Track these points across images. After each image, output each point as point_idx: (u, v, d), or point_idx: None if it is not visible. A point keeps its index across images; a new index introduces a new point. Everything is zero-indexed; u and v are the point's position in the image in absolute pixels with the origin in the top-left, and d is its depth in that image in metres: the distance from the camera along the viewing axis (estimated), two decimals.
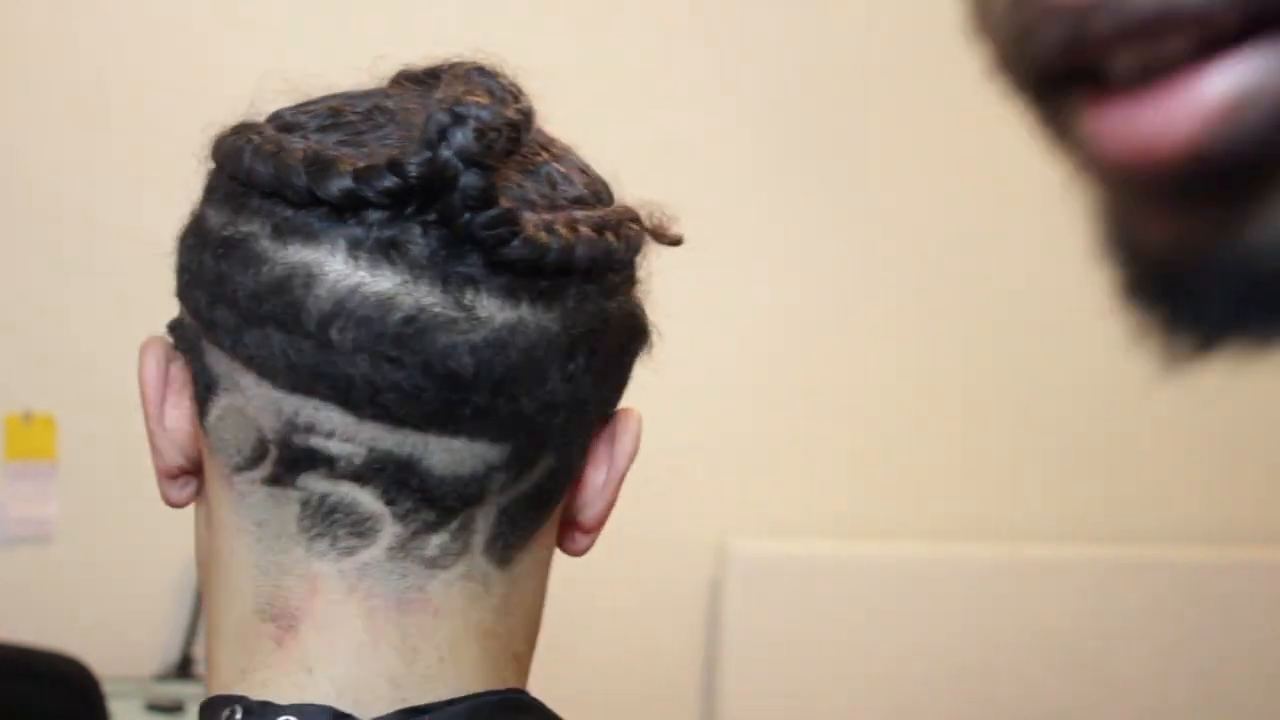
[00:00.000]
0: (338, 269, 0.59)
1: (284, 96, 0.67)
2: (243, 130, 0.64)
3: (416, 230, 0.59)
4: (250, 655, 0.64)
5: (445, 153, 0.58)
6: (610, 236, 0.63)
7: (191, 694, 2.29)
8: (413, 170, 0.58)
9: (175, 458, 0.67)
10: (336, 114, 0.64)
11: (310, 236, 0.60)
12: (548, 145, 0.66)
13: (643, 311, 0.68)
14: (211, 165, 0.65)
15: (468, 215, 0.58)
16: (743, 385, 2.61)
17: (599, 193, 0.66)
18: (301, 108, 0.66)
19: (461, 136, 0.58)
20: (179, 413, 0.66)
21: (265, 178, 0.61)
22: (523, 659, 0.68)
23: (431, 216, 0.59)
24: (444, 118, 0.58)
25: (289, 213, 0.60)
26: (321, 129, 0.64)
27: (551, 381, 0.62)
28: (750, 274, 2.60)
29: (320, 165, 0.60)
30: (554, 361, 0.62)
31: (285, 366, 0.60)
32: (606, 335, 0.64)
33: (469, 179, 0.58)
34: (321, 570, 0.63)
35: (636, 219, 0.66)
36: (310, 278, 0.60)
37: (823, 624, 2.58)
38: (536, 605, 0.69)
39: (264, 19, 2.39)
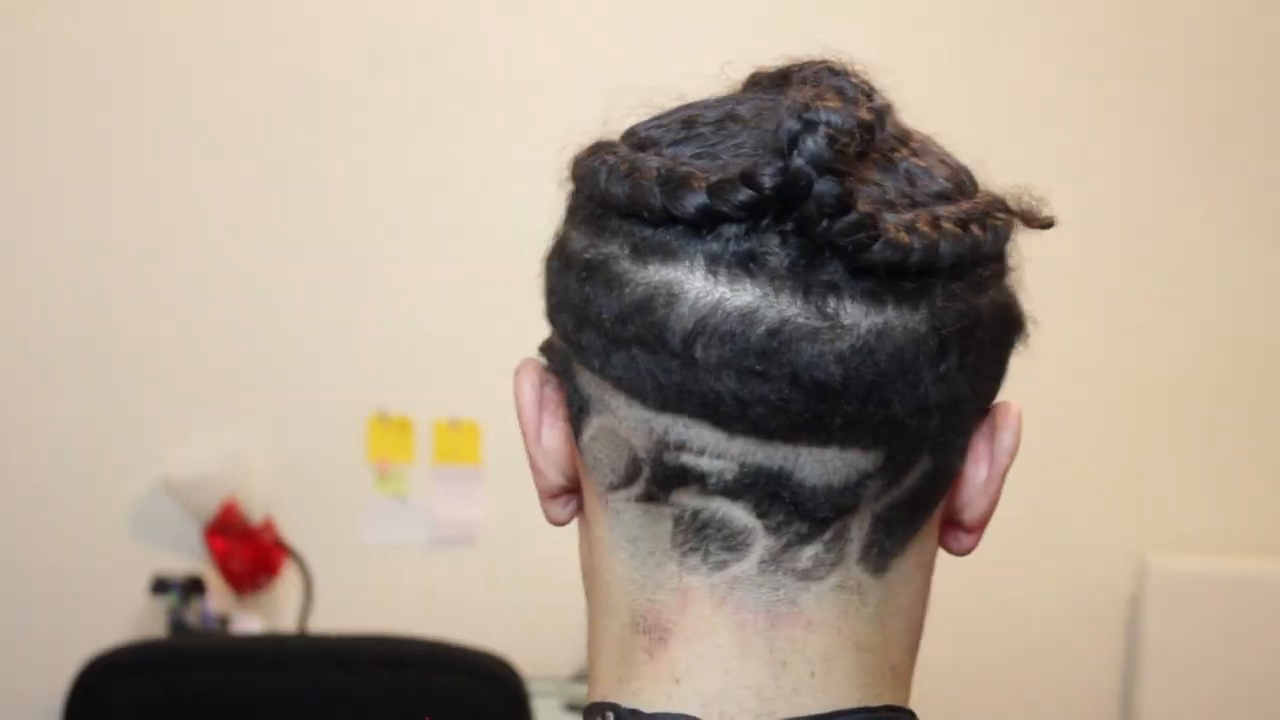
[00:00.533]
0: (698, 286, 0.59)
1: (635, 112, 0.66)
2: (598, 150, 0.64)
3: (774, 241, 0.58)
4: (625, 666, 0.65)
5: (798, 161, 0.56)
6: (976, 230, 0.60)
7: None
8: (767, 181, 0.57)
9: (555, 478, 0.68)
10: (689, 125, 0.63)
11: (669, 255, 0.59)
12: (906, 139, 0.64)
13: (1016, 301, 0.65)
14: (571, 186, 0.65)
15: (825, 223, 0.57)
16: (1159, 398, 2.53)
17: (962, 184, 0.63)
18: (655, 122, 0.65)
19: (813, 143, 0.56)
20: (555, 433, 0.67)
21: (621, 198, 0.61)
22: (901, 671, 0.65)
23: (788, 226, 0.58)
24: (794, 125, 0.57)
25: (647, 232, 0.60)
26: (675, 142, 0.63)
27: (923, 384, 0.60)
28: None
29: (674, 183, 0.59)
30: (925, 363, 0.59)
31: (653, 387, 0.60)
32: (979, 331, 0.62)
33: (824, 186, 0.56)
34: (693, 584, 0.63)
35: (1004, 207, 0.63)
36: (672, 297, 0.59)
37: (1245, 642, 2.51)
38: (917, 611, 0.67)
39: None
